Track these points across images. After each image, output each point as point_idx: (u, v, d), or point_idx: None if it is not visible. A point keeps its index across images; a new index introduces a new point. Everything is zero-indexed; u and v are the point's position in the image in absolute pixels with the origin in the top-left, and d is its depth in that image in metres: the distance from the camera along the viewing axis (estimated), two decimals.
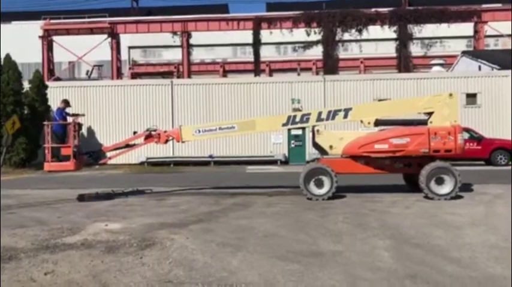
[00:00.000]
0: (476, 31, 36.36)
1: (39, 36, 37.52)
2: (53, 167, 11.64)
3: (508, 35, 36.90)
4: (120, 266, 5.52)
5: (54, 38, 38.17)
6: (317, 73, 37.55)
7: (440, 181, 10.49)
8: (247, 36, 37.91)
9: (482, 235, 6.96)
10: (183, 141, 12.38)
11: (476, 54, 31.17)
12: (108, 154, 12.54)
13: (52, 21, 38.23)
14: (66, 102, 13.87)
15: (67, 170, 11.83)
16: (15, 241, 6.79)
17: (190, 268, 5.42)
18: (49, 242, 6.72)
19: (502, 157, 20.80)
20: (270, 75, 40.71)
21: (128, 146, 12.50)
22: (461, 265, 5.44)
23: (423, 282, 4.82)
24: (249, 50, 39.81)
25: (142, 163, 23.43)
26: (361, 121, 11.33)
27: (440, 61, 32.86)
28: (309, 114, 11.49)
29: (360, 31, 35.83)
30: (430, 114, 11.05)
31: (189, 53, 38.73)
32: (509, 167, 19.54)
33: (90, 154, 12.30)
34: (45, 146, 11.88)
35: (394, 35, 36.50)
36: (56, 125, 12.25)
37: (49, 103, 22.82)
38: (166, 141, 12.20)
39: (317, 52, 37.43)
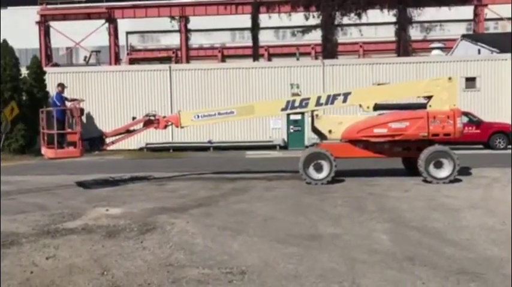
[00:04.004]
0: (476, 14, 36.17)
1: (36, 22, 37.26)
2: (59, 154, 11.39)
3: (508, 18, 36.70)
4: (121, 250, 5.57)
5: (51, 23, 37.94)
6: (316, 58, 37.42)
7: (439, 165, 10.53)
8: (245, 20, 37.66)
9: (479, 217, 7.01)
10: (182, 127, 12.40)
11: (476, 37, 31.03)
12: (108, 140, 12.50)
13: (49, 6, 37.92)
14: (63, 86, 13.71)
15: (73, 157, 11.73)
16: (16, 227, 6.83)
17: (190, 251, 5.47)
18: (50, 227, 6.76)
19: (501, 141, 20.80)
20: (269, 60, 40.55)
21: (128, 131, 12.48)
22: (459, 247, 5.49)
23: (421, 264, 4.87)
24: (248, 34, 39.60)
25: (141, 149, 23.41)
26: (360, 105, 11.31)
27: (440, 45, 32.68)
28: (308, 99, 11.47)
29: (359, 15, 35.58)
30: (429, 98, 11.04)
31: (187, 38, 38.56)
32: (508, 151, 19.57)
33: (93, 140, 12.17)
34: (45, 132, 11.78)
35: (394, 19, 36.27)
36: (58, 111, 12.06)
37: (47, 89, 22.72)
38: (166, 126, 12.21)
39: (316, 36, 37.23)
